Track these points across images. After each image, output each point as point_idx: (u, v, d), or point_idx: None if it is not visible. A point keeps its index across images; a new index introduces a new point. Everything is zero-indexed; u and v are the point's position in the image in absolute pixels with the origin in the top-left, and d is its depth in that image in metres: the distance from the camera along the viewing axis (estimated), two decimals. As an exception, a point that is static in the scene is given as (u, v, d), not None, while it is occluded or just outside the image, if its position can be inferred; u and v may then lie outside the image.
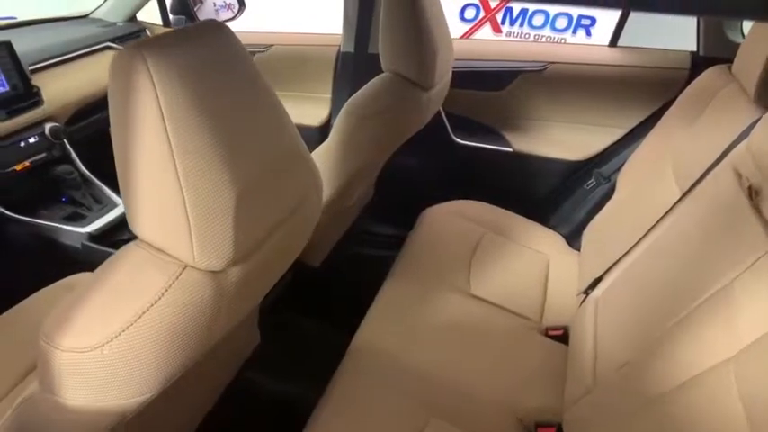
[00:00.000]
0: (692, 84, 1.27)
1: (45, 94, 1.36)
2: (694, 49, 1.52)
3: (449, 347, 1.13)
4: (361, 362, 1.08)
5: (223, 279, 0.57)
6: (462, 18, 4.29)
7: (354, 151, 1.13)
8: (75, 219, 1.32)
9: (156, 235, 0.54)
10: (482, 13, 4.26)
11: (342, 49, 1.69)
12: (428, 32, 1.11)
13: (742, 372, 0.64)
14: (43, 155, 1.35)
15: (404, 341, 1.13)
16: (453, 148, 1.75)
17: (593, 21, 3.79)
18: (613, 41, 1.63)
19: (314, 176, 0.74)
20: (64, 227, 1.26)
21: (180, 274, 0.53)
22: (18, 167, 1.30)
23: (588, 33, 3.94)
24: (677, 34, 1.50)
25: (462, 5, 4.25)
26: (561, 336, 1.21)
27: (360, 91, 1.13)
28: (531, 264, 1.42)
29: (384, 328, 1.17)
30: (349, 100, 1.12)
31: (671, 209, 1.03)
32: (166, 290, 0.51)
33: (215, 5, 2.08)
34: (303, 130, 1.82)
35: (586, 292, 1.18)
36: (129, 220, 0.54)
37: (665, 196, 1.09)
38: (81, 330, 0.50)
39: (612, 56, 1.62)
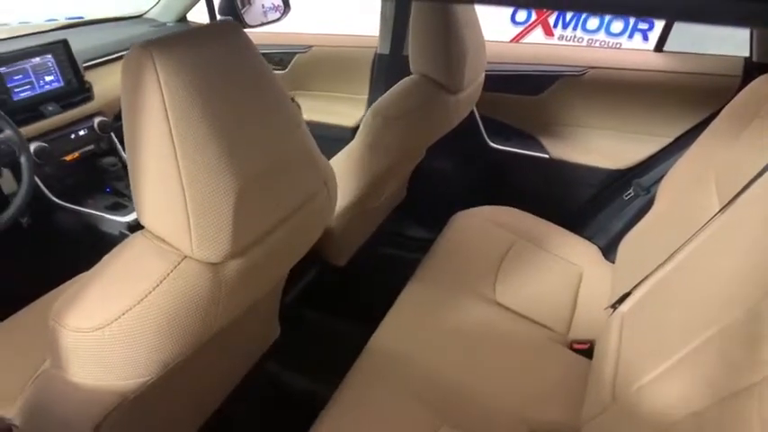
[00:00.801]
0: (742, 92, 1.19)
1: (96, 90, 1.45)
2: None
3: (467, 354, 1.12)
4: (375, 362, 1.08)
5: (221, 271, 0.58)
6: (513, 21, 4.22)
7: (379, 152, 1.13)
8: (116, 208, 1.39)
9: (158, 225, 0.56)
10: (534, 16, 4.18)
11: (378, 51, 1.70)
12: (457, 35, 1.10)
13: (767, 400, 0.60)
14: (91, 146, 1.43)
15: (421, 345, 1.13)
16: (488, 152, 1.73)
17: (651, 25, 3.64)
18: (659, 46, 1.56)
19: (323, 177, 0.75)
20: (105, 215, 1.33)
21: (179, 264, 0.55)
22: (68, 158, 1.39)
23: (645, 38, 3.79)
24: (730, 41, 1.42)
25: (514, 8, 4.19)
26: (587, 350, 1.17)
27: (387, 92, 1.14)
28: (562, 274, 1.38)
29: (402, 330, 1.16)
30: (376, 101, 1.12)
31: (706, 224, 0.97)
32: (165, 278, 0.54)
33: (263, 7, 2.14)
34: (339, 130, 1.87)
35: (614, 306, 1.14)
36: (136, 210, 0.57)
37: (706, 211, 1.03)
38: (85, 312, 0.53)
39: (657, 61, 1.54)
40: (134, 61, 0.52)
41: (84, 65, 1.45)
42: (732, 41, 1.47)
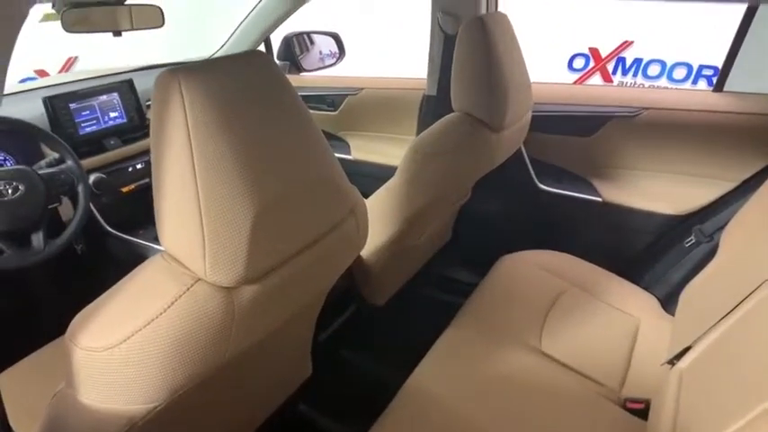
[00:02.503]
0: None
1: (156, 128, 1.53)
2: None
3: (506, 405, 1.04)
4: (408, 407, 1.03)
5: (235, 296, 0.57)
6: (571, 68, 4.19)
7: (418, 188, 1.12)
8: (163, 239, 1.43)
9: (175, 247, 0.56)
10: (591, 63, 4.13)
11: (426, 93, 1.71)
12: (500, 73, 1.09)
13: None
14: (146, 180, 1.50)
15: (457, 391, 1.06)
16: (537, 194, 1.67)
17: (716, 70, 3.49)
18: (719, 86, 1.47)
19: (350, 205, 0.73)
20: (153, 245, 1.38)
21: (192, 286, 0.54)
22: (125, 189, 1.46)
23: (710, 83, 3.63)
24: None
25: (571, 55, 4.17)
26: (642, 409, 1.06)
27: (427, 129, 1.13)
28: (616, 326, 1.28)
29: (439, 374, 1.11)
30: (416, 138, 1.12)
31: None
32: (176, 299, 0.53)
33: (320, 53, 2.24)
34: (386, 169, 1.87)
35: (672, 362, 1.03)
36: (157, 231, 0.57)
37: None
38: (97, 331, 0.53)
39: (717, 101, 1.45)
40: (162, 85, 0.53)
41: (147, 103, 1.54)
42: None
